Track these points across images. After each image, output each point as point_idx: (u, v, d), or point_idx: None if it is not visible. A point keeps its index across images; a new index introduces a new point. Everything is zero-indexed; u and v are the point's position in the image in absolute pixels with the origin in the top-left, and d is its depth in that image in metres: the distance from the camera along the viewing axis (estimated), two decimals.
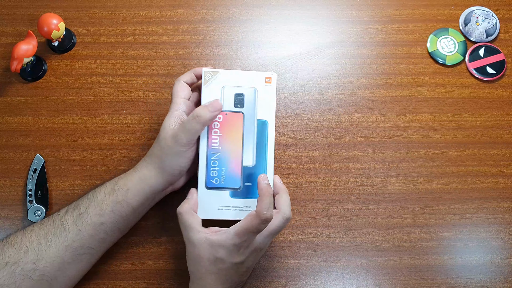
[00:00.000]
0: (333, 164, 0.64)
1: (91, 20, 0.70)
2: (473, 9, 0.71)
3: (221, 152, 0.55)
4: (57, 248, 0.51)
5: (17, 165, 0.63)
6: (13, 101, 0.66)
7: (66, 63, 0.67)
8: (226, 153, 0.55)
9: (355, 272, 0.60)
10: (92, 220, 0.52)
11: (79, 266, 0.53)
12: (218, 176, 0.54)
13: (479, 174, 0.64)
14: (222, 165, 0.55)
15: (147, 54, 0.68)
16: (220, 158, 0.55)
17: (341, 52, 0.69)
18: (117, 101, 0.66)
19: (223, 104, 0.55)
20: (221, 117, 0.55)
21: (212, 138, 0.55)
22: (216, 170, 0.54)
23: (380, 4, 0.71)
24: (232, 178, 0.54)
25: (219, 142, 0.55)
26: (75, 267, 0.53)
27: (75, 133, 0.64)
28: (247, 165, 0.55)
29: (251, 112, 0.56)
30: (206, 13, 0.70)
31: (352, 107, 0.66)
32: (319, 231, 0.61)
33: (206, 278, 0.51)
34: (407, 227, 0.61)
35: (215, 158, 0.54)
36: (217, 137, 0.55)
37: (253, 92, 0.56)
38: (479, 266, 0.60)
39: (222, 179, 0.54)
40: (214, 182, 0.54)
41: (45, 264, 0.50)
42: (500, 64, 0.68)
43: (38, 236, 0.51)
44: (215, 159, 0.54)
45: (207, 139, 0.55)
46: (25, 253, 0.50)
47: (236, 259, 0.51)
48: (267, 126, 0.55)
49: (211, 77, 0.56)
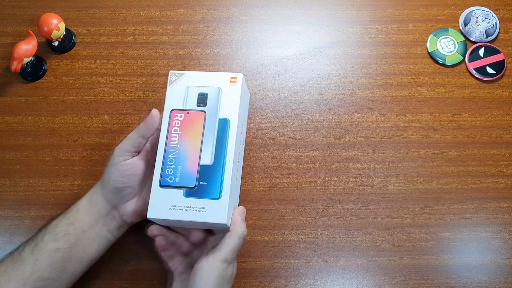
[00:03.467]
0: (333, 164, 0.64)
1: (91, 20, 0.70)
2: (473, 9, 0.71)
3: (178, 150, 0.53)
4: (16, 282, 0.49)
5: (17, 165, 0.63)
6: (13, 101, 0.66)
7: (66, 63, 0.67)
8: (183, 151, 0.53)
9: (355, 272, 0.60)
10: (48, 247, 0.51)
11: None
12: (173, 174, 0.52)
13: (479, 174, 0.64)
14: (178, 163, 0.53)
15: (147, 54, 0.68)
16: (178, 156, 0.53)
17: (341, 52, 0.69)
18: (117, 101, 0.66)
19: (186, 104, 0.55)
20: (183, 116, 0.54)
21: (171, 136, 0.54)
22: (172, 168, 0.53)
23: (380, 4, 0.71)
24: (187, 177, 0.52)
25: (178, 140, 0.53)
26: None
27: (75, 133, 0.64)
28: (204, 164, 0.53)
29: (213, 111, 0.55)
30: (206, 13, 0.70)
31: (352, 107, 0.66)
32: (319, 231, 0.61)
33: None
34: (407, 227, 0.61)
35: (172, 156, 0.53)
36: (176, 135, 0.54)
37: (217, 91, 0.55)
38: (479, 266, 0.60)
39: (177, 177, 0.52)
40: (168, 180, 0.52)
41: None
42: (500, 64, 0.68)
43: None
44: (172, 157, 0.53)
45: (166, 136, 0.54)
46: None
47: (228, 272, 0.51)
48: (228, 124, 0.54)
49: (177, 78, 0.56)
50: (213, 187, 0.52)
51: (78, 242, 0.52)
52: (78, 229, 0.52)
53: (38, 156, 0.63)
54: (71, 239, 0.52)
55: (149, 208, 0.51)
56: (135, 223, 0.57)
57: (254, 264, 0.60)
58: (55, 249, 0.51)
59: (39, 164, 0.63)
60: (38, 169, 0.63)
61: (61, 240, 0.51)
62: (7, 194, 0.62)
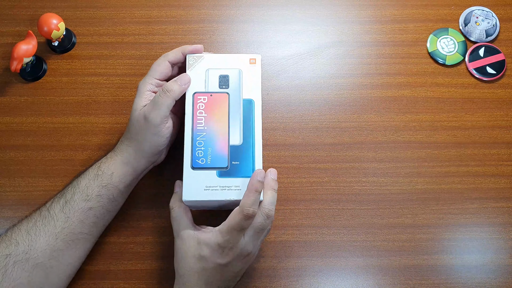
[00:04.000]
0: (333, 164, 0.64)
1: (91, 20, 0.70)
2: (473, 9, 0.71)
3: (206, 132, 0.54)
4: (46, 237, 0.51)
5: (17, 165, 0.63)
6: (13, 101, 0.66)
7: (66, 63, 0.67)
8: (211, 133, 0.54)
9: (355, 272, 0.60)
10: (80, 206, 0.52)
11: (75, 252, 0.53)
12: (204, 156, 0.53)
13: (479, 174, 0.64)
14: (208, 145, 0.54)
15: (147, 54, 0.68)
16: (206, 138, 0.54)
17: (341, 52, 0.69)
18: (117, 101, 0.66)
19: (208, 86, 0.55)
20: (206, 98, 0.55)
21: (197, 119, 0.54)
22: (202, 150, 0.53)
23: (380, 4, 0.71)
24: (219, 158, 0.53)
25: (204, 122, 0.54)
26: (70, 254, 0.52)
27: (75, 133, 0.64)
28: (234, 144, 0.54)
29: (237, 93, 0.55)
30: (206, 13, 0.70)
31: (352, 107, 0.66)
32: (319, 231, 0.61)
33: (188, 276, 0.50)
34: (407, 227, 0.61)
35: (201, 138, 0.54)
36: (202, 118, 0.54)
37: (238, 73, 0.56)
38: (479, 266, 0.60)
39: (208, 159, 0.53)
40: (200, 163, 0.53)
41: (37, 254, 0.50)
42: (500, 64, 0.68)
43: (27, 228, 0.52)
44: (201, 139, 0.54)
45: (192, 119, 0.54)
46: (16, 246, 0.50)
47: (220, 260, 0.50)
48: (253, 105, 0.55)
49: (195, 61, 0.56)
50: (246, 165, 0.53)
51: (112, 200, 0.54)
52: (112, 190, 0.54)
53: (38, 156, 0.63)
54: (104, 200, 0.54)
55: (183, 191, 0.52)
56: None
57: (254, 264, 0.59)
58: (88, 208, 0.53)
59: (39, 164, 0.63)
60: (38, 169, 0.63)
61: (93, 200, 0.53)
62: (7, 194, 0.62)
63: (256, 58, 0.57)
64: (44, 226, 0.52)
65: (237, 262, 0.50)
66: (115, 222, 0.59)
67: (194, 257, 0.50)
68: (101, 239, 0.59)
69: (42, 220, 0.52)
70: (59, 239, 0.51)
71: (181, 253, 0.51)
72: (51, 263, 0.51)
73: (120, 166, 0.54)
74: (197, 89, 0.55)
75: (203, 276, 0.50)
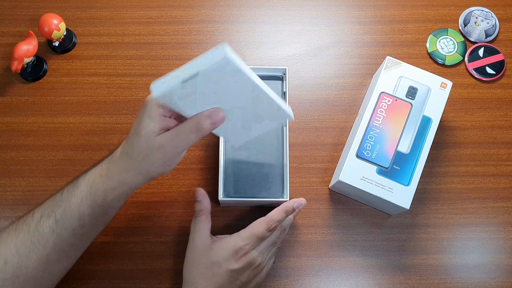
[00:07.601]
0: (333, 164, 0.64)
1: (91, 20, 0.70)
2: (472, 9, 0.71)
3: (380, 130, 0.58)
4: (37, 256, 0.48)
5: (17, 165, 0.63)
6: (13, 101, 0.66)
7: (66, 63, 0.68)
8: (384, 133, 0.58)
9: (355, 272, 0.60)
10: (72, 225, 0.49)
11: (67, 261, 0.51)
12: (370, 150, 0.57)
13: (478, 174, 0.64)
14: (377, 142, 0.58)
15: (148, 54, 0.68)
16: (378, 136, 0.58)
17: (341, 52, 0.69)
18: (118, 101, 0.66)
19: (396, 91, 0.59)
20: (391, 101, 0.59)
21: (376, 116, 0.59)
22: (371, 145, 0.58)
23: (380, 5, 0.71)
24: (383, 157, 0.57)
25: (382, 121, 0.59)
26: (62, 265, 0.51)
27: (75, 133, 0.65)
28: (400, 151, 0.58)
29: (419, 106, 0.59)
30: (207, 14, 0.70)
31: (352, 107, 0.66)
32: (319, 231, 0.61)
33: (197, 282, 0.51)
34: (406, 227, 0.61)
35: (373, 133, 0.58)
36: (381, 116, 0.59)
37: (427, 90, 0.60)
38: (478, 266, 0.60)
39: (373, 154, 0.57)
40: (365, 154, 0.57)
41: (27, 271, 0.48)
42: (500, 64, 0.68)
43: (16, 244, 0.48)
44: (373, 134, 0.58)
45: (371, 114, 0.59)
46: (4, 264, 0.48)
47: (231, 266, 0.50)
48: (431, 123, 0.59)
49: (392, 65, 0.60)
50: (405, 173, 0.57)
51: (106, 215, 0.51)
52: (106, 207, 0.50)
53: (38, 156, 0.63)
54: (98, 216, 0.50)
55: (342, 172, 0.57)
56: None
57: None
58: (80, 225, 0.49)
59: (39, 164, 0.63)
60: (38, 169, 0.63)
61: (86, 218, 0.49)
62: (7, 194, 0.62)
63: (448, 84, 0.60)
64: (34, 247, 0.48)
65: (247, 270, 0.52)
66: (115, 222, 0.59)
67: (205, 264, 0.51)
68: (101, 239, 0.59)
69: (31, 239, 0.48)
70: (51, 256, 0.49)
71: (192, 260, 0.52)
72: (43, 275, 0.49)
73: (117, 186, 0.49)
74: (386, 90, 0.60)
75: (212, 282, 0.50)
